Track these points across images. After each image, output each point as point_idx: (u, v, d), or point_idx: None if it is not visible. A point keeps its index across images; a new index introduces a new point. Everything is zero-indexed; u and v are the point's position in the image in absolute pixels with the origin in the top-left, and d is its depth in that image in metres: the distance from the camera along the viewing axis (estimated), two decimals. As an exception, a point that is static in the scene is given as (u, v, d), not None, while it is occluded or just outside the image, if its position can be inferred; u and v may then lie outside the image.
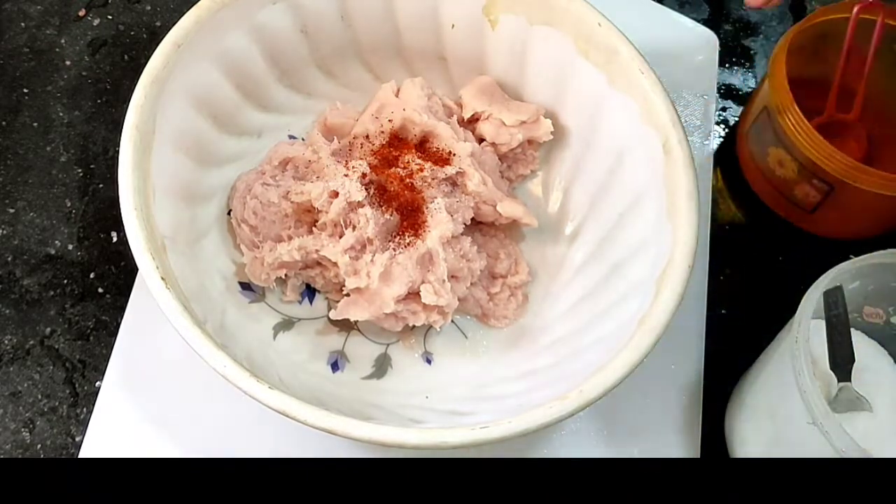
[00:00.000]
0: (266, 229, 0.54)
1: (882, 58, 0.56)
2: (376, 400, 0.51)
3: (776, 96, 0.55)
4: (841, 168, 0.53)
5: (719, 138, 0.65)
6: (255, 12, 0.54)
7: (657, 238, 0.49)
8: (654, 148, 0.50)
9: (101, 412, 0.52)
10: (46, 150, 0.61)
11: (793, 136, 0.54)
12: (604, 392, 0.43)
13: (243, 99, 0.56)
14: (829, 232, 0.60)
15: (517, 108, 0.57)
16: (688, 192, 0.48)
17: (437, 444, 0.42)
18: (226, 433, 0.52)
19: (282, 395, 0.43)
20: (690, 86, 0.64)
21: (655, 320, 0.45)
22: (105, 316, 0.56)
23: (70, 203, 0.60)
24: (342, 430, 0.42)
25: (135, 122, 0.48)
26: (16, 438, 0.53)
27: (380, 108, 0.57)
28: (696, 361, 0.55)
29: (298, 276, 0.55)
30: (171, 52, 0.50)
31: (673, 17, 0.67)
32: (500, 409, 0.48)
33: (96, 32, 0.66)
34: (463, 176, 0.54)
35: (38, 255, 0.58)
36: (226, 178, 0.56)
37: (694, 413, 0.53)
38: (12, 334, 0.56)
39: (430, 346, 0.55)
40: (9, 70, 0.64)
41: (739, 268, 0.60)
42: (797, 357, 0.43)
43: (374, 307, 0.51)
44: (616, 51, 0.52)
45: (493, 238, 0.57)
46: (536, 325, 0.55)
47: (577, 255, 0.56)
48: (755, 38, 0.69)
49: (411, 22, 0.57)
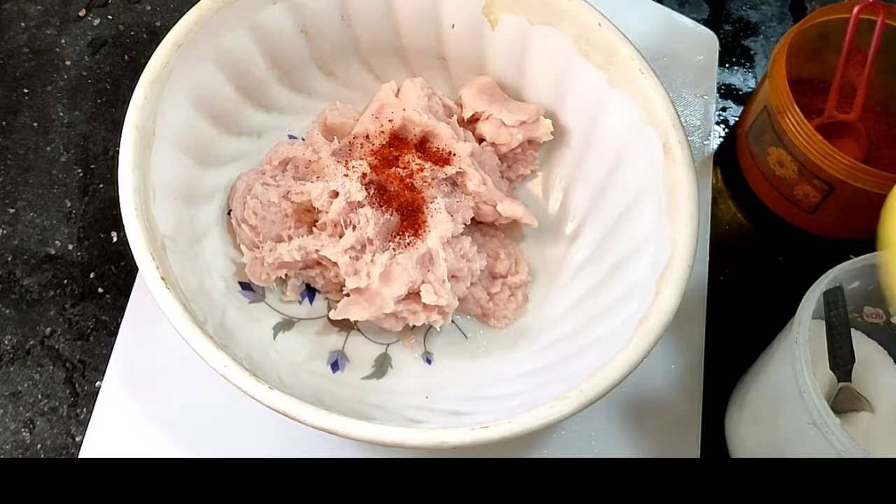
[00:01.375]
0: (266, 229, 0.54)
1: (882, 58, 0.56)
2: (376, 400, 0.51)
3: (776, 96, 0.55)
4: (841, 168, 0.53)
5: (719, 138, 0.65)
6: (255, 12, 0.54)
7: (657, 238, 0.49)
8: (654, 148, 0.50)
9: (101, 412, 0.52)
10: (46, 150, 0.61)
11: (793, 136, 0.54)
12: (604, 392, 0.43)
13: (243, 99, 0.56)
14: (829, 232, 0.60)
15: (517, 108, 0.57)
16: (688, 192, 0.48)
17: (437, 444, 0.42)
18: (226, 433, 0.52)
19: (282, 395, 0.43)
20: (690, 86, 0.64)
21: (655, 320, 0.45)
22: (105, 316, 0.56)
23: (70, 203, 0.60)
24: (342, 430, 0.42)
25: (135, 122, 0.48)
26: (16, 438, 0.53)
27: (380, 108, 0.57)
28: (696, 361, 0.55)
29: (298, 276, 0.55)
30: (171, 52, 0.50)
31: (673, 17, 0.67)
32: (500, 409, 0.48)
33: (96, 32, 0.66)
34: (463, 176, 0.54)
35: (38, 255, 0.58)
36: (226, 178, 0.56)
37: (694, 413, 0.53)
38: (12, 334, 0.56)
39: (430, 346, 0.55)
40: (9, 70, 0.64)
41: (739, 268, 0.60)
42: (797, 357, 0.43)
43: (374, 307, 0.51)
44: (616, 51, 0.52)
45: (493, 238, 0.57)
46: (536, 325, 0.55)
47: (577, 255, 0.56)
48: (755, 38, 0.69)
49: (411, 22, 0.57)
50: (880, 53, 0.56)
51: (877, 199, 0.53)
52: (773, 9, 0.71)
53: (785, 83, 0.55)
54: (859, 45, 0.56)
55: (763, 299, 0.59)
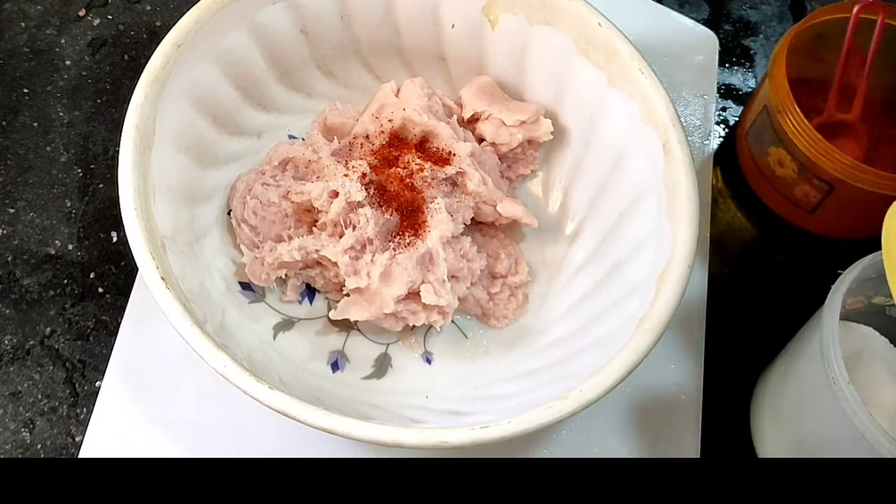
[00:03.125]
0: (266, 229, 0.54)
1: (882, 58, 0.56)
2: (376, 400, 0.51)
3: (776, 96, 0.55)
4: (841, 168, 0.53)
5: (719, 138, 0.65)
6: (255, 12, 0.54)
7: (657, 238, 0.49)
8: (654, 148, 0.50)
9: (101, 412, 0.52)
10: (46, 150, 0.61)
11: (793, 136, 0.54)
12: (603, 392, 0.43)
13: (243, 99, 0.56)
14: (829, 232, 0.60)
15: (517, 108, 0.57)
16: (688, 192, 0.48)
17: (437, 444, 0.42)
18: (226, 433, 0.52)
19: (282, 395, 0.43)
20: (690, 86, 0.64)
21: (655, 320, 0.45)
22: (105, 316, 0.56)
23: (70, 203, 0.60)
24: (342, 430, 0.42)
25: (135, 122, 0.48)
26: (16, 438, 0.53)
27: (380, 108, 0.57)
28: (696, 362, 0.55)
29: (298, 276, 0.55)
30: (171, 52, 0.50)
31: (673, 17, 0.67)
32: (500, 409, 0.48)
33: (96, 32, 0.66)
34: (463, 176, 0.54)
35: (38, 255, 0.58)
36: (226, 178, 0.56)
37: (694, 413, 0.53)
38: (12, 334, 0.56)
39: (430, 346, 0.55)
40: (9, 70, 0.64)
41: (739, 268, 0.60)
42: (829, 362, 0.43)
43: (374, 307, 0.51)
44: (616, 51, 0.52)
45: (493, 238, 0.57)
46: (536, 325, 0.55)
47: (577, 255, 0.56)
48: (755, 38, 0.69)
49: (411, 22, 0.57)
50: (880, 53, 0.56)
51: (877, 199, 0.53)
52: (773, 9, 0.71)
53: (785, 83, 0.55)
54: (859, 45, 0.56)
55: (763, 299, 0.59)
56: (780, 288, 0.59)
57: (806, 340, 0.49)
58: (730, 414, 0.54)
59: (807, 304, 0.49)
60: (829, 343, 0.43)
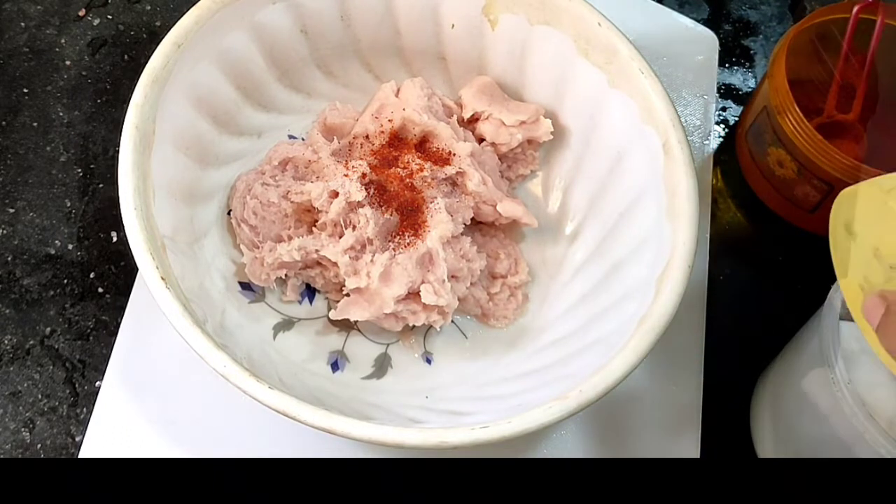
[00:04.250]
0: (266, 229, 0.54)
1: (882, 58, 0.56)
2: (376, 400, 0.51)
3: (776, 96, 0.55)
4: (841, 168, 0.53)
5: (719, 138, 0.65)
6: (255, 12, 0.54)
7: (657, 238, 0.49)
8: (654, 148, 0.50)
9: (101, 412, 0.52)
10: (46, 150, 0.61)
11: (793, 136, 0.54)
12: (603, 392, 0.43)
13: (243, 99, 0.56)
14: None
15: (517, 108, 0.57)
16: (688, 192, 0.48)
17: (437, 444, 0.42)
18: (226, 433, 0.52)
19: (282, 395, 0.43)
20: (690, 86, 0.64)
21: (655, 320, 0.45)
22: (105, 316, 0.56)
23: (70, 203, 0.60)
24: (342, 430, 0.42)
25: (135, 122, 0.48)
26: (16, 438, 0.53)
27: (380, 108, 0.57)
28: (696, 362, 0.55)
29: (298, 276, 0.55)
30: (171, 52, 0.50)
31: (673, 17, 0.67)
32: (500, 409, 0.48)
33: (96, 32, 0.66)
34: (463, 176, 0.54)
35: (38, 255, 0.58)
36: (226, 178, 0.56)
37: (694, 413, 0.53)
38: (12, 334, 0.56)
39: (430, 346, 0.55)
40: (9, 70, 0.64)
41: (739, 268, 0.60)
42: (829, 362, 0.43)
43: (374, 307, 0.51)
44: (616, 51, 0.52)
45: (493, 238, 0.57)
46: (536, 325, 0.55)
47: (577, 255, 0.56)
48: (755, 38, 0.69)
49: (411, 22, 0.57)
50: (880, 53, 0.56)
51: (877, 199, 0.53)
52: (773, 9, 0.71)
53: (785, 83, 0.55)
54: (859, 45, 0.56)
55: (763, 299, 0.59)
56: (780, 288, 0.59)
57: (806, 340, 0.49)
58: (730, 414, 0.54)
59: (807, 304, 0.49)
60: (829, 343, 0.43)
